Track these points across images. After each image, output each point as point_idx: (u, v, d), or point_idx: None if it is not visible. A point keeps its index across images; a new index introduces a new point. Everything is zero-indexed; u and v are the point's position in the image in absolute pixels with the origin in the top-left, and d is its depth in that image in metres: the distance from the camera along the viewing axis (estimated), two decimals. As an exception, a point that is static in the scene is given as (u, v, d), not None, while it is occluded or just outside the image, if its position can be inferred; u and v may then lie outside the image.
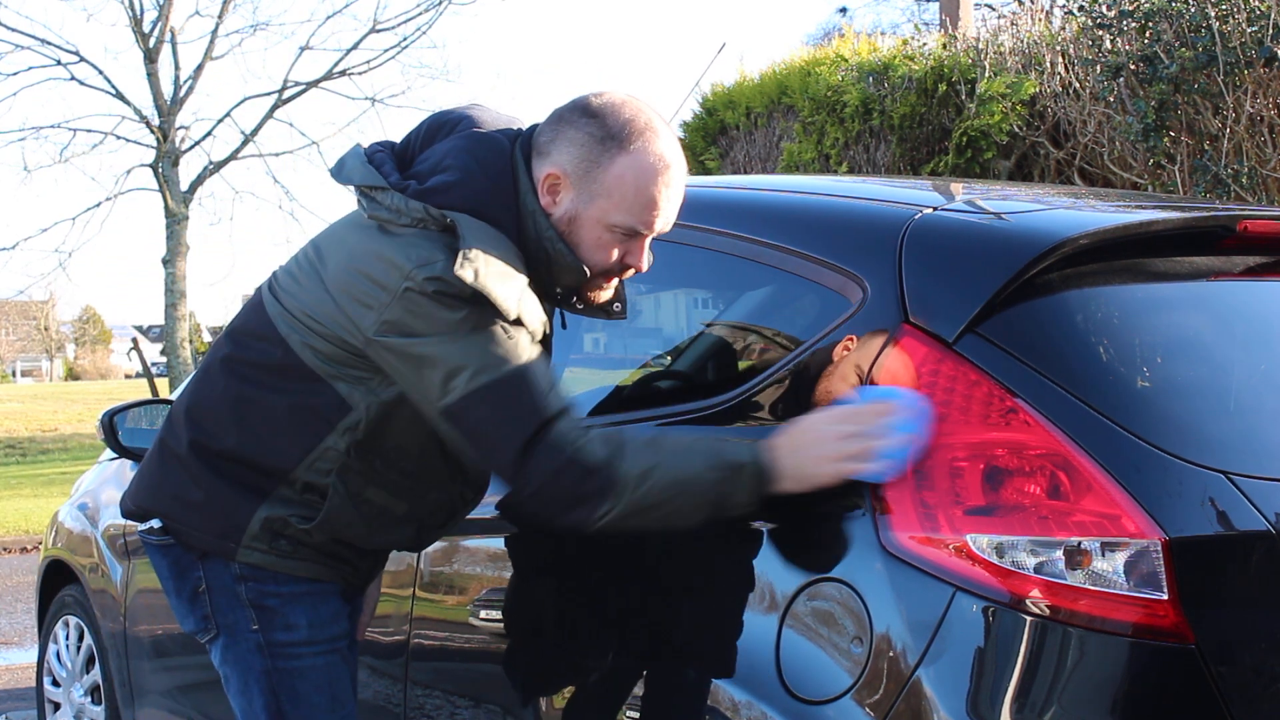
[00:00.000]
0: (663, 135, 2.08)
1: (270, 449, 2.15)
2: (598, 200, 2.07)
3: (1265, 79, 5.82)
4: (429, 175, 2.08)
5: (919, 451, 1.89)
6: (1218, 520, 1.85)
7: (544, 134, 2.11)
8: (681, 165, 2.11)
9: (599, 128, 2.06)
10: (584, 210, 2.08)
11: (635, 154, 2.05)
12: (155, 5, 20.36)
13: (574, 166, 2.07)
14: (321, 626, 2.24)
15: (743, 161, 8.69)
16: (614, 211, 2.07)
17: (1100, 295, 2.08)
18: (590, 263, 2.11)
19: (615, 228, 2.09)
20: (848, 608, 1.92)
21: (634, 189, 2.06)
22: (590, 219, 2.08)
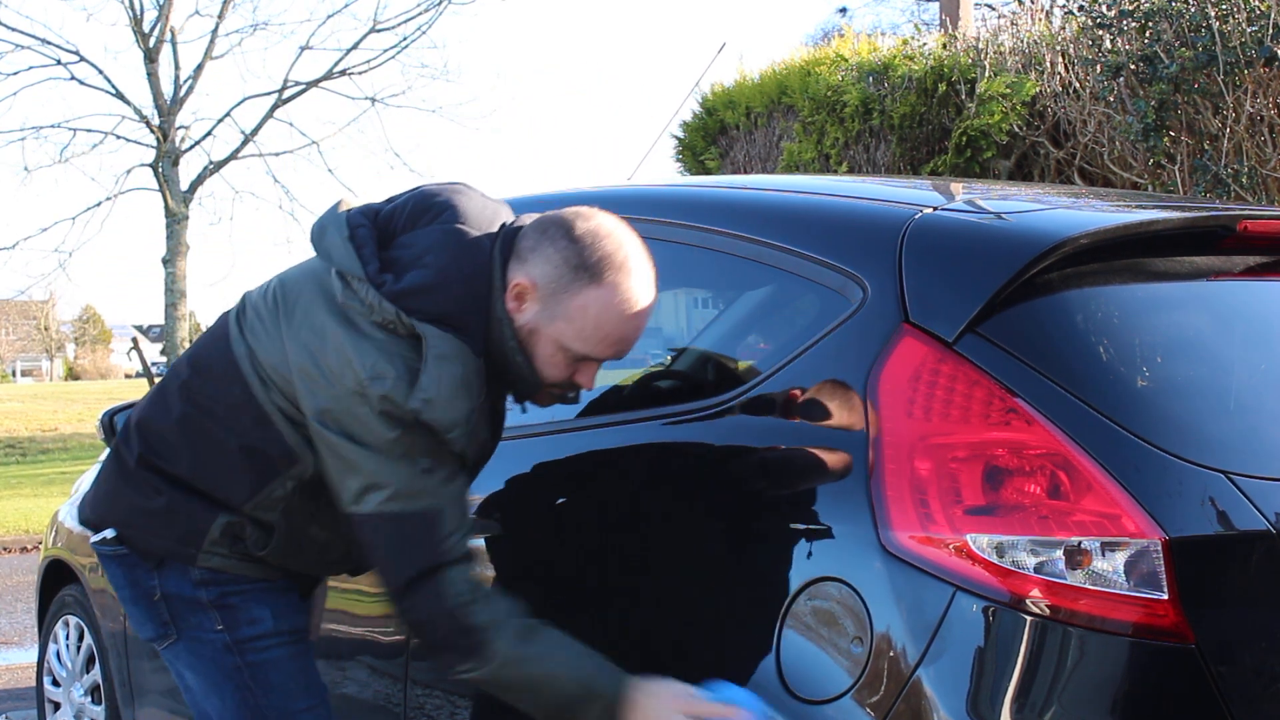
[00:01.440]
0: (636, 274, 2.09)
1: (221, 482, 2.19)
2: (558, 321, 2.09)
3: (1265, 79, 5.82)
4: (407, 267, 2.09)
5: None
6: (1218, 520, 1.85)
7: (526, 239, 2.13)
8: (650, 302, 2.12)
9: (576, 254, 2.07)
10: (545, 327, 2.10)
11: (604, 289, 2.07)
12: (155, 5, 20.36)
13: (545, 282, 2.08)
14: (285, 617, 2.29)
15: (743, 161, 8.69)
16: (573, 338, 2.10)
17: (1100, 295, 2.08)
18: (542, 374, 2.15)
19: (569, 351, 2.11)
20: (848, 608, 1.92)
21: (595, 322, 2.08)
22: (549, 336, 2.11)
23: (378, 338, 2.05)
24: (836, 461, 2.00)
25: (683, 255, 2.54)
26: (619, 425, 2.40)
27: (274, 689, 2.26)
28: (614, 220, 2.13)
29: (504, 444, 2.61)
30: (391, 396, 2.01)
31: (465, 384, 2.05)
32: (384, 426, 2.03)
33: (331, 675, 2.86)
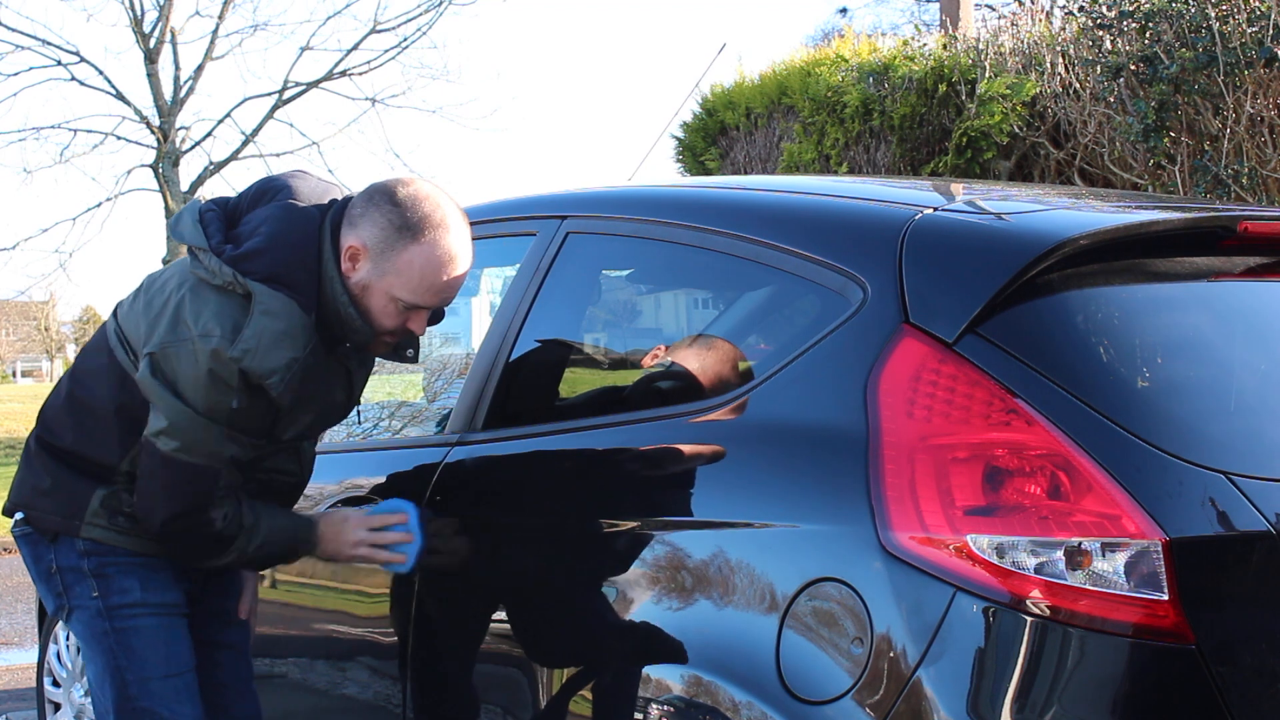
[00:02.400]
0: (454, 231, 2.40)
1: (98, 446, 2.50)
2: (388, 276, 2.40)
3: (1265, 79, 5.81)
4: (246, 238, 2.41)
5: (420, 550, 2.54)
6: (1218, 520, 1.85)
7: (356, 207, 2.43)
8: (466, 258, 2.43)
9: (399, 216, 2.38)
10: (376, 282, 2.41)
11: (425, 245, 2.38)
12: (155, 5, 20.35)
13: (374, 243, 2.39)
14: (153, 590, 2.54)
15: (743, 162, 8.69)
16: (400, 288, 2.40)
17: (1100, 295, 2.08)
18: (376, 325, 2.45)
19: (399, 301, 2.41)
20: (848, 608, 1.92)
21: (419, 274, 2.39)
22: (380, 290, 2.41)
23: (213, 301, 2.35)
24: (837, 462, 1.99)
25: (683, 256, 2.54)
26: (619, 425, 2.40)
27: (135, 655, 2.50)
28: (431, 185, 2.44)
29: (503, 444, 2.61)
30: (219, 351, 2.31)
31: (287, 335, 2.35)
32: (205, 385, 2.33)
33: (331, 675, 2.86)
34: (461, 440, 2.67)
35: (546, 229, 2.74)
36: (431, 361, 3.70)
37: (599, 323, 3.09)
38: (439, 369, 3.59)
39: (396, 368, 3.91)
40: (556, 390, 2.78)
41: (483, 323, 2.98)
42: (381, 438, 3.37)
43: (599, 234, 2.70)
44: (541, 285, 2.69)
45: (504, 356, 2.69)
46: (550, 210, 2.80)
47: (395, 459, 2.85)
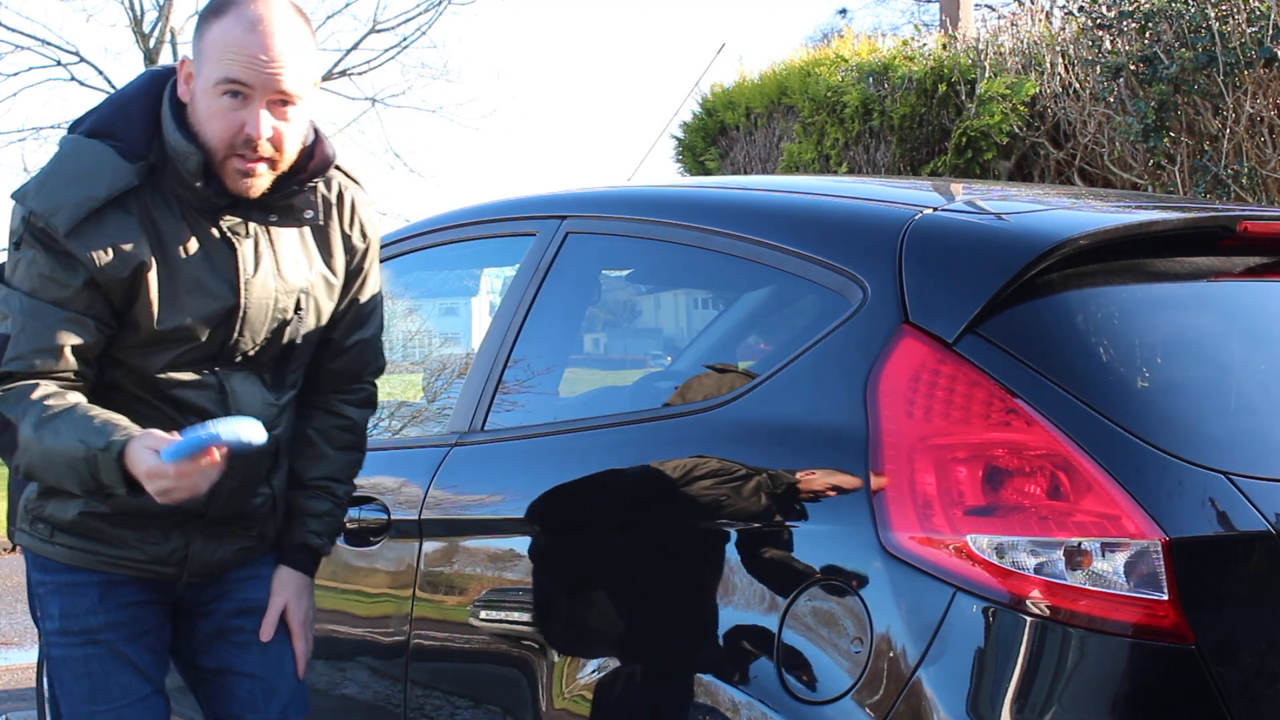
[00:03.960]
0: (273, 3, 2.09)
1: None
2: (204, 68, 2.08)
3: (1265, 79, 5.81)
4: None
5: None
6: (1218, 520, 1.85)
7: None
8: (286, 24, 2.09)
9: (212, 6, 2.11)
10: (198, 85, 2.10)
11: (230, 16, 2.07)
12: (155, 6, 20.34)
13: (194, 48, 2.12)
14: (74, 618, 2.22)
15: (743, 162, 8.68)
16: (214, 70, 2.07)
17: (1100, 295, 2.08)
18: (207, 136, 2.09)
19: (219, 85, 2.07)
20: (848, 608, 1.92)
21: (224, 43, 2.06)
22: (201, 90, 2.09)
23: (49, 164, 2.13)
24: (836, 462, 1.99)
25: (683, 256, 2.54)
26: (619, 426, 2.40)
27: (64, 687, 2.25)
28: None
29: (504, 444, 2.61)
30: (15, 198, 2.10)
31: (82, 175, 2.08)
32: (11, 249, 2.10)
33: (331, 675, 2.86)
34: (461, 441, 2.67)
35: (546, 229, 2.74)
36: (431, 361, 3.70)
37: (599, 323, 3.09)
38: (439, 369, 3.59)
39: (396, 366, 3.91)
40: (556, 390, 2.78)
41: (483, 323, 2.98)
42: (381, 437, 3.37)
43: (599, 234, 2.70)
44: (541, 285, 2.69)
45: (504, 356, 2.69)
46: (550, 210, 2.80)
47: (395, 459, 2.84)
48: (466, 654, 2.56)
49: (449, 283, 3.95)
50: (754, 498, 2.10)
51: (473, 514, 2.61)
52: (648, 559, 2.24)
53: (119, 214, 2.10)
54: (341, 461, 2.40)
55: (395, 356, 3.95)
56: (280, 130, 2.09)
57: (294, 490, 2.36)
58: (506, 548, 2.51)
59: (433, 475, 2.66)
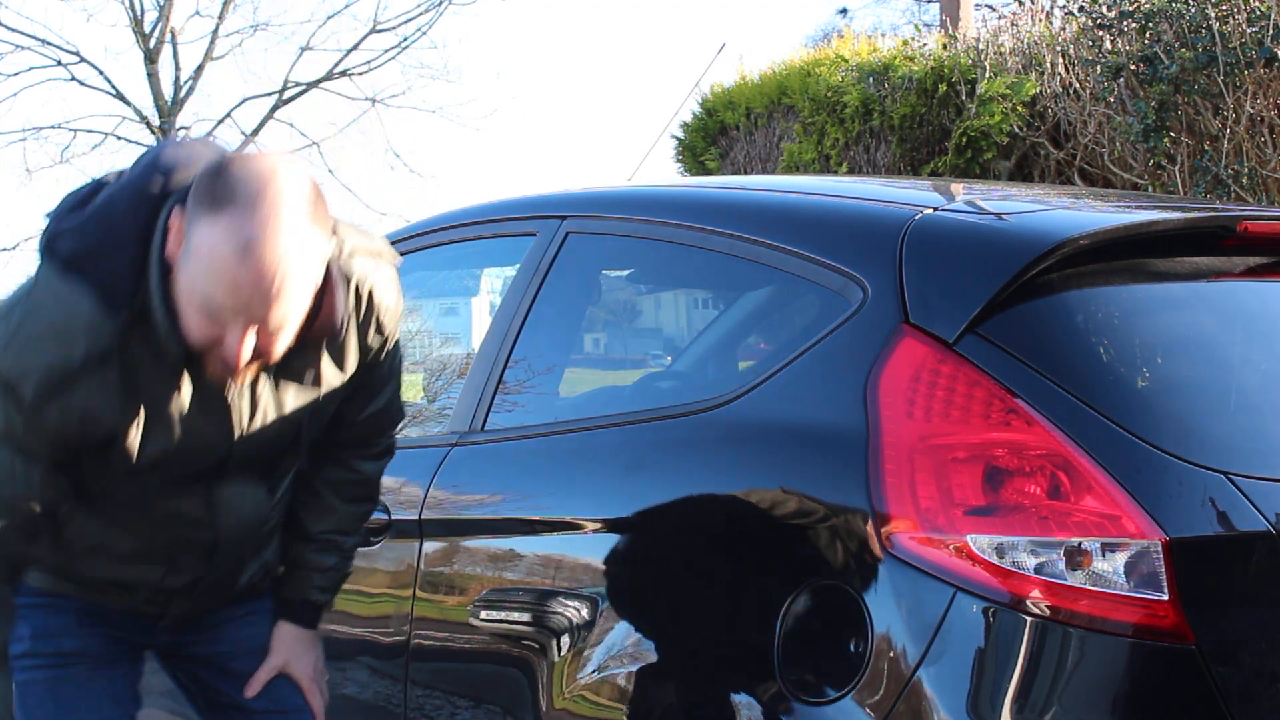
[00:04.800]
0: (276, 219, 1.76)
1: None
2: (188, 262, 1.80)
3: (1265, 79, 5.81)
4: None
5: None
6: (1218, 520, 1.85)
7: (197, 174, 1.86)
8: (286, 246, 1.77)
9: (211, 180, 1.79)
10: (181, 271, 1.81)
11: (223, 225, 1.76)
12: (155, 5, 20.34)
13: (189, 211, 1.81)
14: (46, 639, 2.11)
15: (743, 162, 8.68)
16: (196, 278, 1.80)
17: (1100, 295, 2.08)
18: (187, 329, 1.84)
19: (199, 300, 1.80)
20: (848, 608, 1.92)
21: (211, 258, 1.77)
22: (184, 284, 1.82)
23: (20, 288, 1.91)
24: (836, 462, 1.99)
25: (683, 256, 2.54)
26: (620, 425, 2.40)
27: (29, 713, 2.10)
28: (287, 160, 1.85)
29: (504, 444, 2.61)
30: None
31: (57, 332, 1.84)
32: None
33: (331, 675, 2.86)
34: (461, 441, 2.67)
35: (546, 229, 2.74)
36: (432, 361, 3.70)
37: (599, 323, 3.09)
38: (439, 369, 3.59)
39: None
40: (556, 390, 2.78)
41: (483, 323, 2.98)
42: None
43: (599, 234, 2.70)
44: (541, 285, 2.69)
45: (504, 356, 2.69)
46: (550, 210, 2.80)
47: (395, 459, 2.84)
48: (466, 654, 2.56)
49: (449, 283, 3.95)
50: (754, 498, 2.10)
51: (473, 514, 2.61)
52: (647, 559, 2.24)
53: (96, 373, 1.87)
54: (351, 514, 2.28)
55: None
56: (267, 345, 1.85)
57: (299, 542, 2.24)
58: (506, 548, 2.51)
59: (433, 475, 2.66)
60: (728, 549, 2.12)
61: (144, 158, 1.96)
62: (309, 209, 1.82)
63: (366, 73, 20.97)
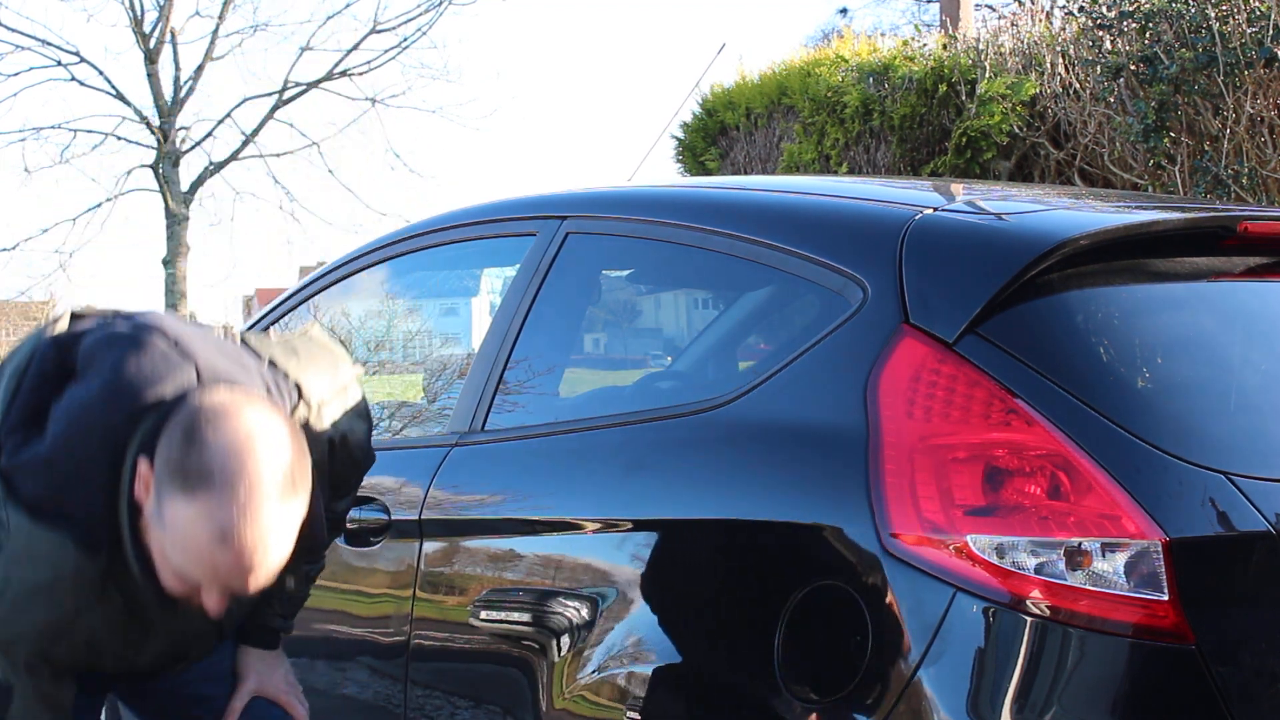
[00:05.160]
0: (254, 503, 1.72)
1: None
2: (159, 528, 1.76)
3: (1265, 80, 5.81)
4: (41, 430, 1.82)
5: None
6: (1218, 520, 1.85)
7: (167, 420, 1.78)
8: (267, 526, 1.74)
9: (182, 451, 1.73)
10: (153, 529, 1.77)
11: (198, 507, 1.72)
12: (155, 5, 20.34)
13: (158, 472, 1.76)
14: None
15: (743, 162, 8.68)
16: (170, 549, 1.76)
17: (1100, 295, 2.08)
18: (163, 581, 1.81)
19: (167, 564, 1.79)
20: (848, 608, 1.92)
21: (185, 537, 1.73)
22: (153, 542, 1.78)
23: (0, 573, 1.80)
24: (836, 462, 1.99)
25: (683, 256, 2.54)
26: (620, 425, 2.40)
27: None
28: (258, 422, 1.77)
29: (504, 444, 2.61)
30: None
31: (41, 591, 1.80)
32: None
33: (331, 675, 2.86)
34: (461, 441, 2.67)
35: (546, 229, 2.74)
36: (432, 361, 3.70)
37: (599, 323, 3.09)
38: (439, 369, 3.59)
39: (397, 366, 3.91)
40: (556, 391, 2.78)
41: (483, 323, 2.98)
42: (381, 438, 3.37)
43: (599, 234, 2.70)
44: (541, 285, 2.69)
45: (504, 357, 2.68)
46: (550, 210, 2.79)
47: (395, 459, 2.84)
48: (466, 654, 2.56)
49: (449, 283, 3.95)
50: (753, 498, 2.10)
51: (473, 514, 2.61)
52: (647, 559, 2.24)
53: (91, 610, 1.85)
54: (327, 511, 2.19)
55: (395, 356, 3.95)
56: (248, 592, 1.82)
57: None
58: (506, 548, 2.51)
59: (433, 475, 2.66)
60: (727, 549, 2.12)
61: (100, 366, 1.84)
62: (289, 477, 1.77)
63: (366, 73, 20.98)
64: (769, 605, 2.01)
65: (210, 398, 1.78)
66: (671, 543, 2.20)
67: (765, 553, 2.06)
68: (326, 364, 2.12)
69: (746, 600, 2.06)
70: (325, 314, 3.48)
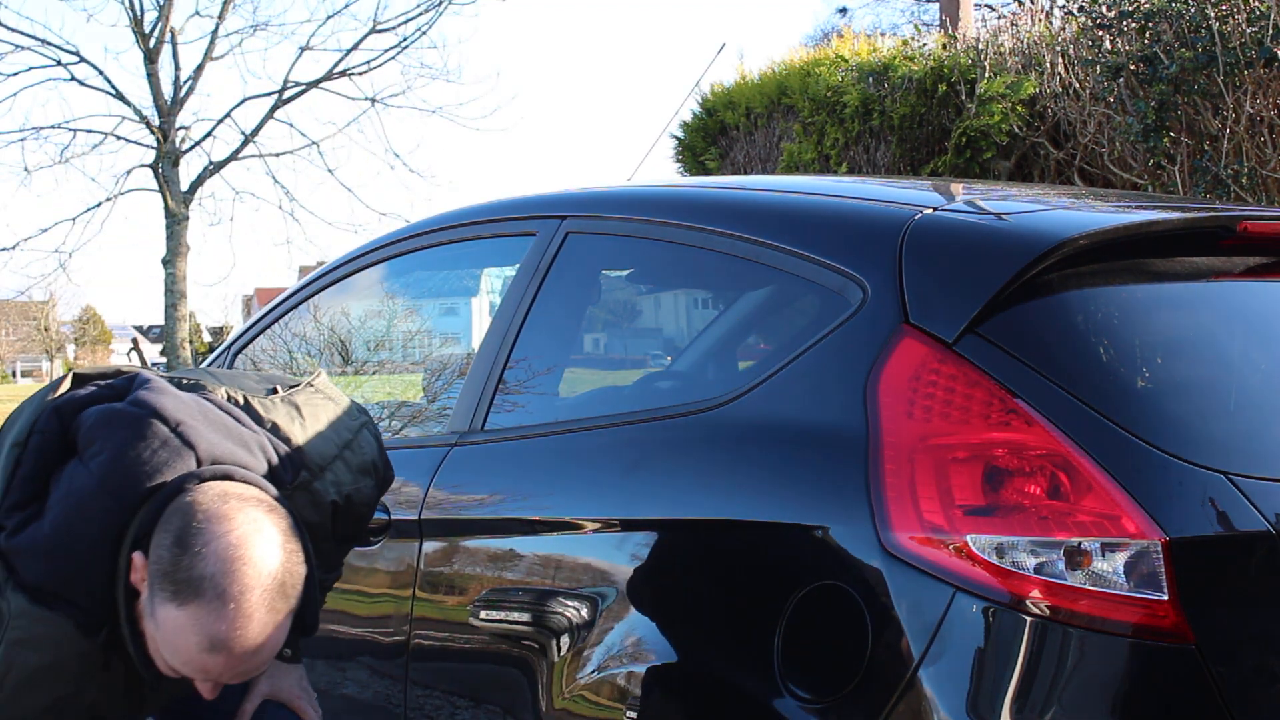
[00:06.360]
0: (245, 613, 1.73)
1: None
2: (152, 623, 1.78)
3: (1265, 79, 5.81)
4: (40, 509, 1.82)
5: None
6: (1218, 520, 1.85)
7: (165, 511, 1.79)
8: (258, 633, 1.75)
9: (174, 557, 1.74)
10: (148, 621, 1.79)
11: (188, 614, 1.73)
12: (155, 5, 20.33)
13: (151, 572, 1.77)
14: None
15: (743, 162, 8.69)
16: (164, 648, 1.79)
17: (1100, 295, 2.08)
18: (158, 664, 1.83)
19: (160, 656, 1.81)
20: (847, 608, 1.92)
21: (177, 644, 1.76)
22: (149, 630, 1.80)
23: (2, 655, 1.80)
24: (836, 462, 1.99)
25: (683, 256, 2.54)
26: (620, 425, 2.40)
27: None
28: (250, 525, 1.78)
29: (503, 444, 2.61)
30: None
31: (44, 672, 1.81)
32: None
33: (331, 675, 2.86)
34: (461, 441, 2.67)
35: (546, 229, 2.74)
36: (431, 361, 3.70)
37: (599, 323, 3.09)
38: (439, 369, 3.59)
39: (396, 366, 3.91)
40: (556, 391, 2.78)
41: (483, 323, 2.98)
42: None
43: (599, 234, 2.70)
44: (541, 285, 2.69)
45: (504, 356, 2.68)
46: (550, 210, 2.80)
47: (395, 459, 2.84)
48: (466, 654, 2.56)
49: (449, 283, 3.96)
50: (754, 498, 2.10)
51: (473, 514, 2.61)
52: (647, 559, 2.24)
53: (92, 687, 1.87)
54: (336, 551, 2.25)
55: (395, 357, 3.95)
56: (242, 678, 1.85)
57: None
58: (506, 548, 2.51)
59: (433, 475, 2.66)
60: (727, 549, 2.12)
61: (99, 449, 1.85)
62: (280, 582, 1.79)
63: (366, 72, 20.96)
64: (769, 605, 2.01)
65: (203, 499, 1.79)
66: (671, 542, 2.20)
67: (765, 552, 2.06)
68: (330, 422, 2.13)
69: (746, 600, 2.06)
70: (325, 314, 3.49)
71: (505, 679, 2.46)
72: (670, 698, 2.16)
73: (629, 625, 2.24)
